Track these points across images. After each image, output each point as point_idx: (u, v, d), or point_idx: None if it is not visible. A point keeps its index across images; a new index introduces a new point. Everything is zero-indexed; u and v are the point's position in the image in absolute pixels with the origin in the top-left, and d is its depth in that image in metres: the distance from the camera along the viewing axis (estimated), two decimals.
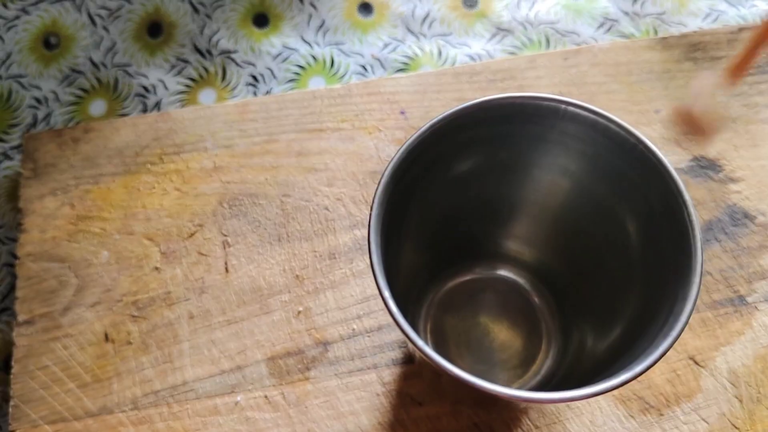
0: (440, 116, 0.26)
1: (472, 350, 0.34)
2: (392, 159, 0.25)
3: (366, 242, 0.37)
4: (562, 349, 0.34)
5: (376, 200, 0.25)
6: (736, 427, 0.33)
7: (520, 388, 0.33)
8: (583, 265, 0.32)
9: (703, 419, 0.33)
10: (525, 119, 0.26)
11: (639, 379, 0.33)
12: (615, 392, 0.34)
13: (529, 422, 0.33)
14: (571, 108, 0.25)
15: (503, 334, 0.35)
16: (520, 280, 0.36)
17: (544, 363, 0.34)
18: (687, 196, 0.24)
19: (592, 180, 0.28)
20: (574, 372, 0.31)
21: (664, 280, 0.25)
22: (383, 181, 0.25)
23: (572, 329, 0.33)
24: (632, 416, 0.33)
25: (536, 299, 0.35)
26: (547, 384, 0.33)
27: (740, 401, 0.34)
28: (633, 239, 0.28)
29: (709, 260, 0.37)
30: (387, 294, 0.24)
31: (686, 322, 0.22)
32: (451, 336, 0.35)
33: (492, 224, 0.34)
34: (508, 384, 0.33)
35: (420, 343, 0.22)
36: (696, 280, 0.23)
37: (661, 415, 0.33)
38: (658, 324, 0.23)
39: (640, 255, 0.28)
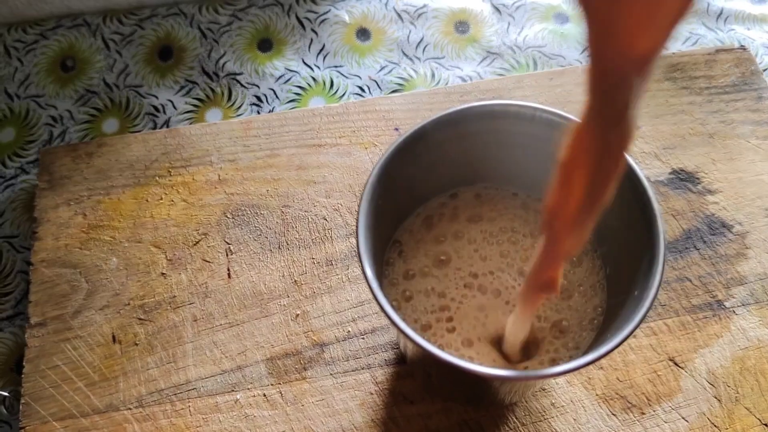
0: (425, 121, 0.28)
1: None
2: (380, 159, 0.28)
3: None
4: None
5: (364, 197, 0.27)
6: (715, 426, 0.34)
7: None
8: None
9: (684, 418, 0.35)
10: (501, 124, 0.29)
11: (621, 378, 0.35)
12: (598, 391, 0.35)
13: (516, 420, 0.35)
14: (544, 114, 0.28)
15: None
16: None
17: None
18: (651, 192, 0.26)
19: None
20: None
21: (634, 262, 0.27)
22: (371, 180, 0.27)
23: None
24: (615, 414, 0.35)
25: None
26: None
27: (719, 401, 0.35)
28: (608, 230, 0.30)
29: (688, 267, 0.38)
30: (376, 286, 0.25)
31: (650, 305, 0.24)
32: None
33: None
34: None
35: (411, 333, 0.24)
36: (660, 261, 0.24)
37: (643, 413, 0.35)
38: (628, 309, 0.25)
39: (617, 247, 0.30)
